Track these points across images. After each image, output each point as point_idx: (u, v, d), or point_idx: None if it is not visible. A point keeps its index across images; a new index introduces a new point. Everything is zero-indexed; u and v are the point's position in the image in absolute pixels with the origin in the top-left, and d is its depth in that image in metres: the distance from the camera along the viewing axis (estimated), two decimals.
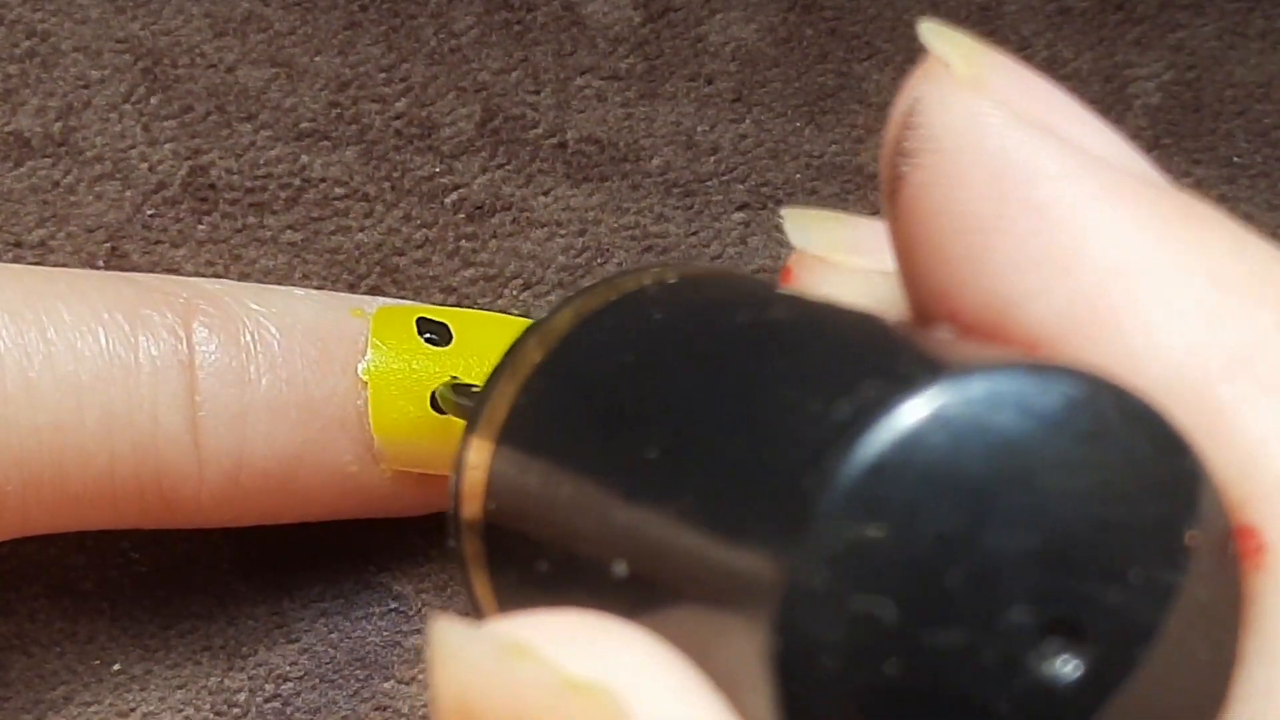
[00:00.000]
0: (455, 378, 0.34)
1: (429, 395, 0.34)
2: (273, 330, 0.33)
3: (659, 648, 0.19)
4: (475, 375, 0.34)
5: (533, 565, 0.22)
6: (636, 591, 0.20)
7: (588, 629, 0.19)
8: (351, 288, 0.38)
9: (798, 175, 0.39)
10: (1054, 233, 0.21)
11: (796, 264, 0.26)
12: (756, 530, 0.18)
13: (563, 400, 0.23)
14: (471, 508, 0.24)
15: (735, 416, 0.20)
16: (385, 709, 0.36)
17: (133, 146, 0.38)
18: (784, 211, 0.26)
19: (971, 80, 0.22)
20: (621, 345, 0.23)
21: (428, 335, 0.34)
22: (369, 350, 0.34)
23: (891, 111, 0.22)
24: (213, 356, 0.33)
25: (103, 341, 0.32)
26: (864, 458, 0.18)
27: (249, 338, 0.33)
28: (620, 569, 0.20)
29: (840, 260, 0.26)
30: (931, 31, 0.23)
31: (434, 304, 0.37)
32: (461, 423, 0.29)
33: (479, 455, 0.24)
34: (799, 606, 0.18)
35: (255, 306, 0.34)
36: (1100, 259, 0.21)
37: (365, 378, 0.34)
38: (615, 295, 0.24)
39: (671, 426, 0.21)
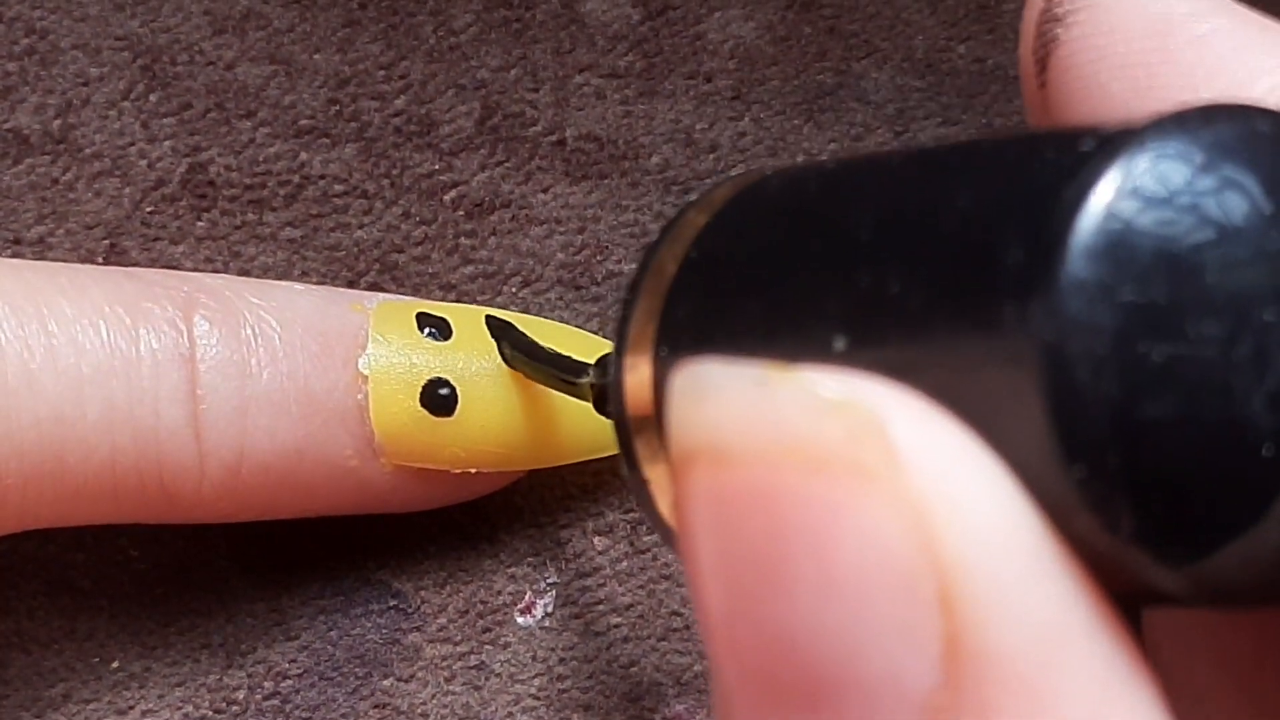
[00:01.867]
0: (432, 390, 0.34)
1: (420, 392, 0.34)
2: (273, 324, 0.33)
3: (908, 388, 0.19)
4: (475, 371, 0.34)
5: None
6: (863, 364, 0.20)
7: (837, 367, 0.19)
8: (351, 284, 0.38)
9: None
10: (1218, 62, 0.22)
11: None
12: (1013, 247, 0.18)
13: (749, 237, 0.23)
14: (640, 374, 0.24)
15: (951, 182, 0.20)
16: (384, 706, 0.36)
17: (132, 144, 0.38)
18: None
19: None
20: (806, 187, 0.23)
21: (428, 330, 0.34)
22: (370, 345, 0.34)
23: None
24: (214, 350, 0.33)
25: (104, 335, 0.32)
26: (1129, 161, 0.18)
27: (250, 331, 0.33)
28: (839, 343, 0.20)
29: None
30: None
31: (434, 301, 0.37)
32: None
33: (645, 317, 0.24)
34: (1071, 300, 0.18)
35: (256, 300, 0.34)
36: (1262, 85, 0.22)
37: (366, 372, 0.34)
38: (771, 169, 0.24)
39: (885, 214, 0.21)
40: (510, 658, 0.36)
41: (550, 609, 0.37)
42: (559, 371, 0.33)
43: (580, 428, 0.36)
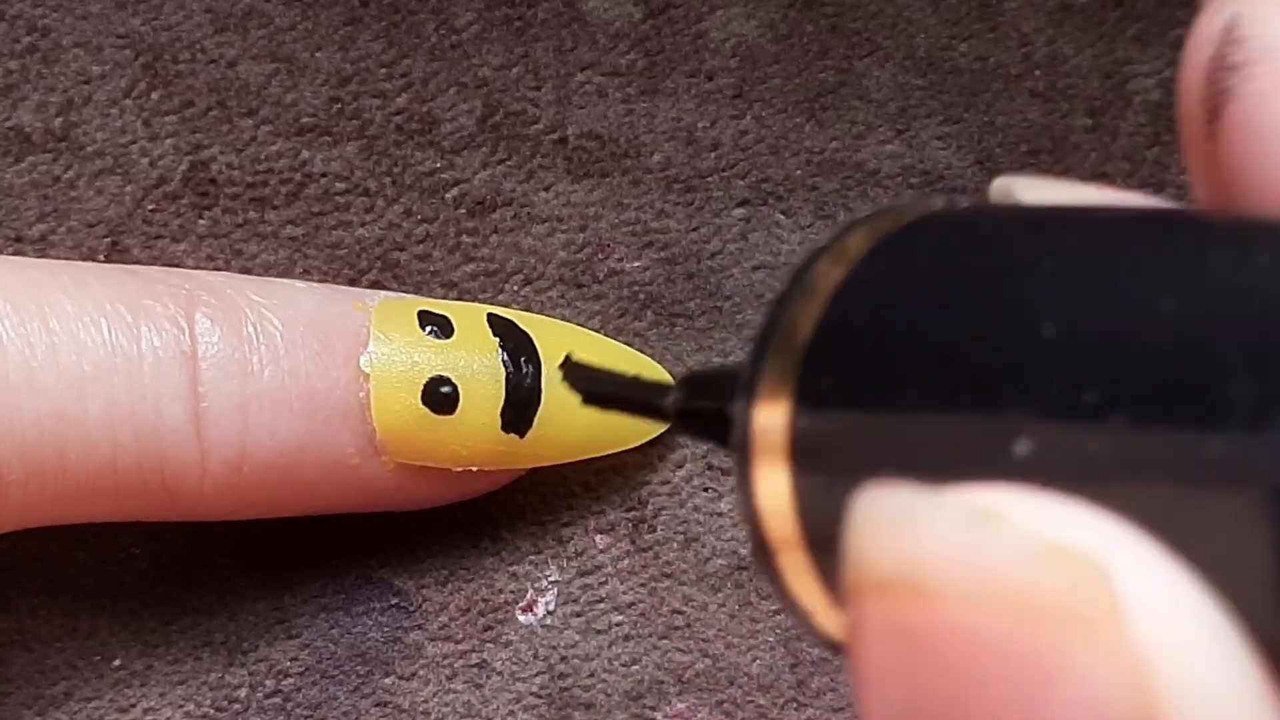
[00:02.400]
0: (434, 389, 0.34)
1: (421, 390, 0.34)
2: (275, 322, 0.33)
3: (1127, 524, 0.18)
4: (476, 369, 0.34)
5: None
6: (1049, 476, 0.19)
7: (1059, 500, 0.18)
8: (352, 283, 0.38)
9: (798, 171, 0.39)
10: None
11: None
12: (1237, 375, 0.17)
13: (899, 303, 0.21)
14: (772, 438, 0.22)
15: (1152, 278, 0.19)
16: (386, 705, 0.36)
17: (133, 141, 0.38)
18: (1001, 181, 0.25)
19: None
20: (959, 248, 0.22)
21: (430, 328, 0.34)
22: (371, 343, 0.34)
23: (1198, 32, 0.22)
24: (215, 348, 0.33)
25: (105, 332, 0.32)
26: None
27: (251, 329, 0.33)
28: (1023, 447, 0.19)
29: None
30: None
31: (435, 299, 0.37)
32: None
33: (777, 381, 0.22)
34: None
35: (257, 298, 0.34)
36: None
37: (367, 370, 0.34)
38: (909, 218, 0.23)
39: (1069, 303, 0.19)
40: (512, 656, 0.36)
41: (552, 607, 0.37)
42: (638, 391, 0.32)
43: (581, 426, 0.36)
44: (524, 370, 0.35)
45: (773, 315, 0.22)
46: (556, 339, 0.36)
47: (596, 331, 0.38)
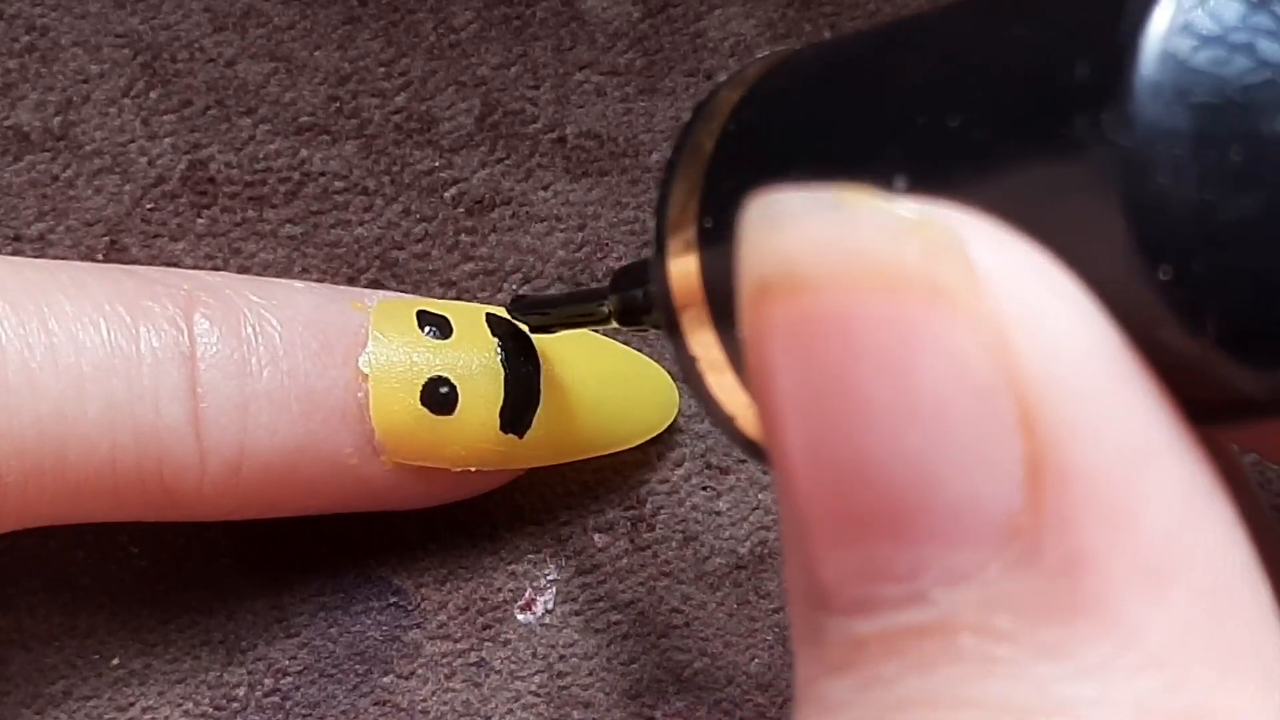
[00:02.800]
0: (432, 389, 0.34)
1: (420, 390, 0.34)
2: (274, 322, 0.33)
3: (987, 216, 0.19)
4: (475, 369, 0.34)
5: None
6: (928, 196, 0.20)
7: (913, 198, 0.19)
8: (351, 282, 0.38)
9: None
10: None
11: None
12: (1083, 62, 0.18)
13: (788, 102, 0.23)
14: (684, 246, 0.24)
15: (1003, 17, 0.20)
16: (384, 703, 0.36)
17: (132, 141, 0.38)
18: None
19: None
20: (840, 52, 0.23)
21: (428, 328, 0.34)
22: (370, 343, 0.34)
23: None
24: (214, 348, 0.33)
25: (104, 333, 0.32)
26: None
27: (250, 330, 0.33)
28: (901, 183, 0.20)
29: None
30: None
31: (434, 298, 0.37)
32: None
33: (686, 193, 0.24)
34: (1147, 100, 0.18)
35: (256, 299, 0.34)
36: None
37: (366, 370, 0.34)
38: (801, 45, 0.25)
39: (934, 59, 0.21)
40: (510, 655, 0.36)
41: (550, 606, 0.37)
42: (580, 305, 0.33)
43: (580, 426, 0.36)
44: (523, 370, 0.35)
45: (679, 140, 0.24)
46: (554, 339, 0.36)
47: (596, 331, 0.38)
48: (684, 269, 0.24)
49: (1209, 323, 0.18)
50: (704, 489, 0.37)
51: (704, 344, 0.24)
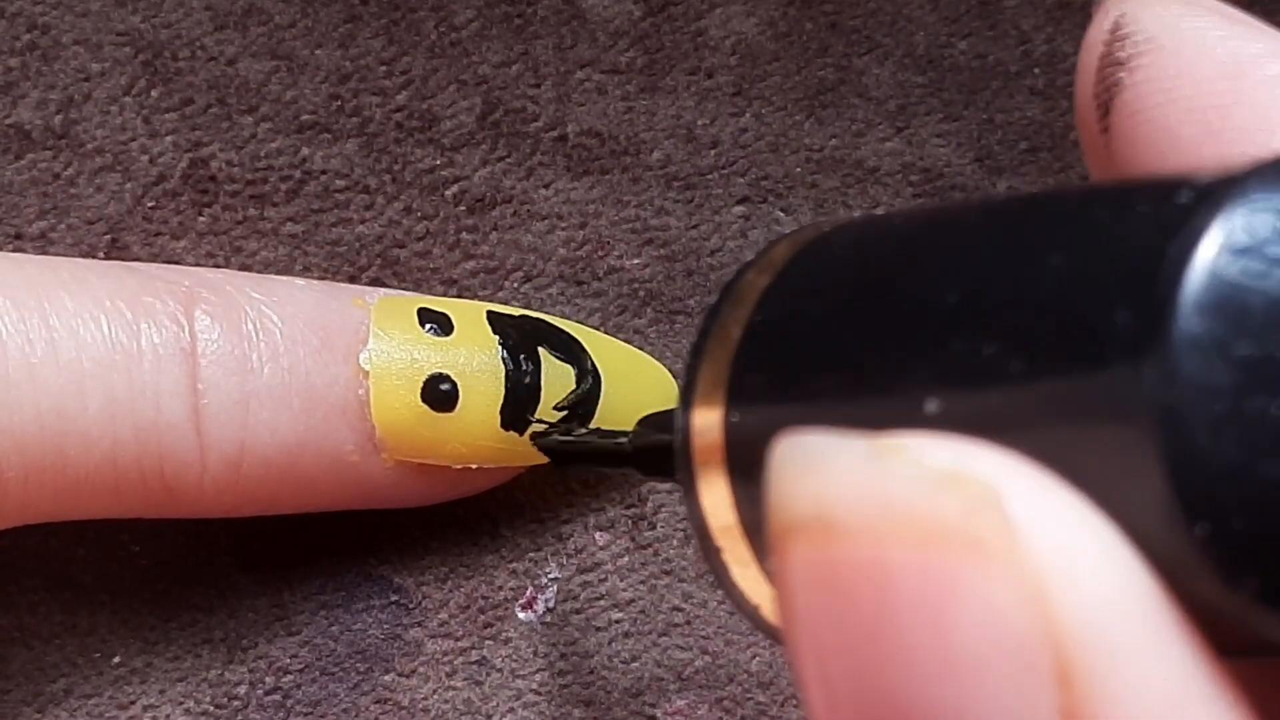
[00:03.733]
0: (435, 387, 0.34)
1: (421, 388, 0.34)
2: (274, 319, 0.33)
3: (1017, 455, 0.19)
4: (476, 366, 0.34)
5: None
6: (957, 427, 0.19)
7: (952, 437, 0.19)
8: (352, 280, 0.38)
9: (798, 169, 0.39)
10: None
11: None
12: (1119, 307, 0.18)
13: (818, 300, 0.23)
14: (709, 435, 0.23)
15: (1042, 242, 0.20)
16: (385, 702, 0.36)
17: (133, 139, 0.38)
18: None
19: None
20: (873, 244, 0.23)
21: (429, 326, 0.34)
22: (371, 340, 0.34)
23: (1089, 36, 0.23)
24: (215, 344, 0.33)
25: (105, 329, 0.32)
26: (1233, 216, 0.18)
27: (251, 326, 0.33)
28: (932, 406, 0.20)
29: None
30: None
31: (435, 296, 0.37)
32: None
33: (712, 382, 0.23)
34: (1187, 358, 0.18)
35: (257, 295, 0.34)
36: None
37: (367, 367, 0.34)
38: (829, 226, 0.24)
39: (969, 275, 0.20)
40: (511, 653, 0.36)
41: (551, 604, 0.37)
42: (601, 443, 0.33)
43: None
44: (524, 368, 0.35)
45: (706, 325, 0.24)
46: (560, 337, 0.36)
47: (596, 328, 0.38)
48: (709, 464, 0.24)
49: (1247, 579, 0.18)
50: None
51: (730, 538, 0.24)
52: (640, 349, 0.38)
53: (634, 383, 0.37)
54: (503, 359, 0.35)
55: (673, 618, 0.37)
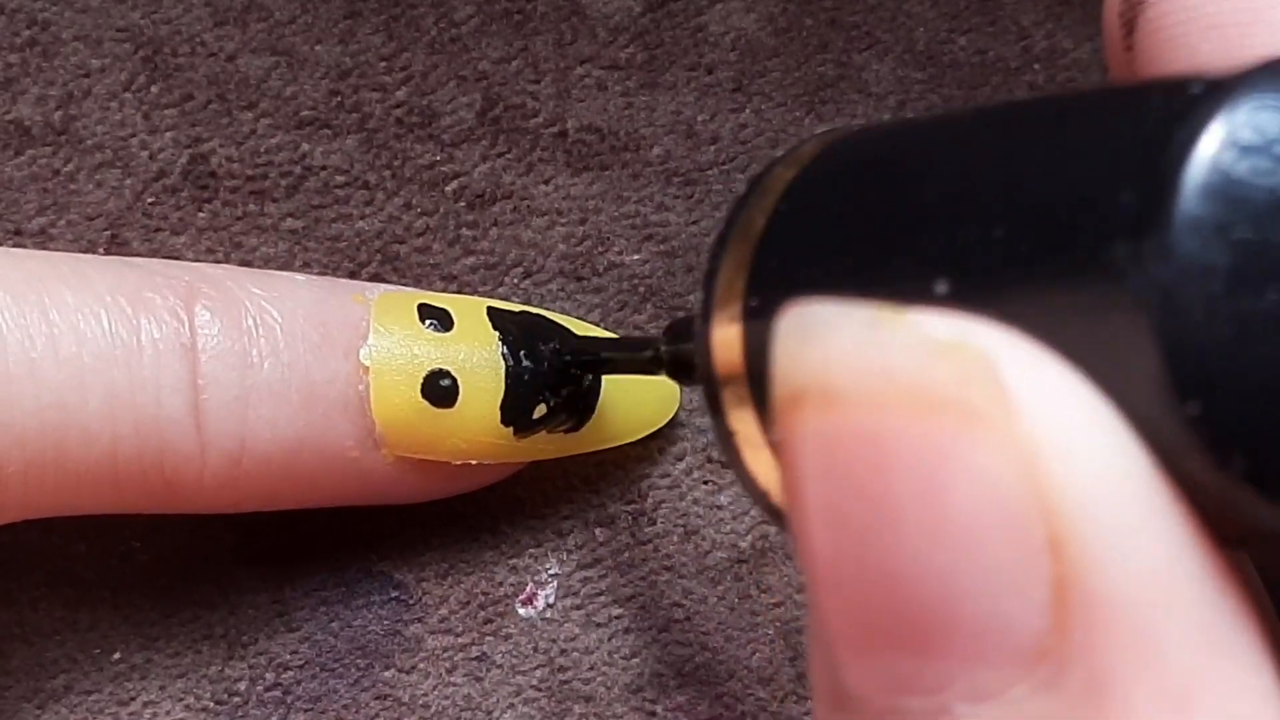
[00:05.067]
0: (433, 382, 0.34)
1: (421, 383, 0.34)
2: (275, 314, 0.33)
3: (1015, 331, 0.19)
4: (476, 362, 0.34)
5: None
6: (966, 306, 0.20)
7: (949, 310, 0.19)
8: (352, 275, 0.38)
9: None
10: None
11: None
12: (1126, 189, 0.18)
13: (840, 189, 0.23)
14: (728, 326, 0.24)
15: (1057, 132, 0.20)
16: (386, 698, 0.36)
17: (133, 135, 0.38)
18: None
19: None
20: (894, 139, 0.23)
21: (430, 321, 0.34)
22: (371, 335, 0.34)
23: None
24: (215, 340, 0.33)
25: (105, 324, 0.32)
26: (1238, 104, 0.18)
27: (251, 322, 0.33)
28: (941, 287, 0.20)
29: None
30: None
31: (435, 292, 0.37)
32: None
33: (734, 269, 0.24)
34: (1186, 239, 0.18)
35: (257, 291, 0.34)
36: None
37: (367, 363, 0.34)
38: (857, 126, 0.25)
39: (984, 164, 0.21)
40: (512, 649, 0.36)
41: (552, 600, 0.37)
42: (628, 352, 0.33)
43: None
44: (524, 364, 0.35)
45: (732, 213, 0.24)
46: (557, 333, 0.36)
47: (596, 324, 0.38)
48: (728, 345, 0.24)
49: (1235, 459, 0.18)
50: (705, 483, 0.37)
51: (743, 420, 0.24)
52: None
53: (633, 381, 0.37)
54: (503, 355, 0.35)
55: (673, 614, 0.37)
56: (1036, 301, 0.19)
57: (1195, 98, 0.19)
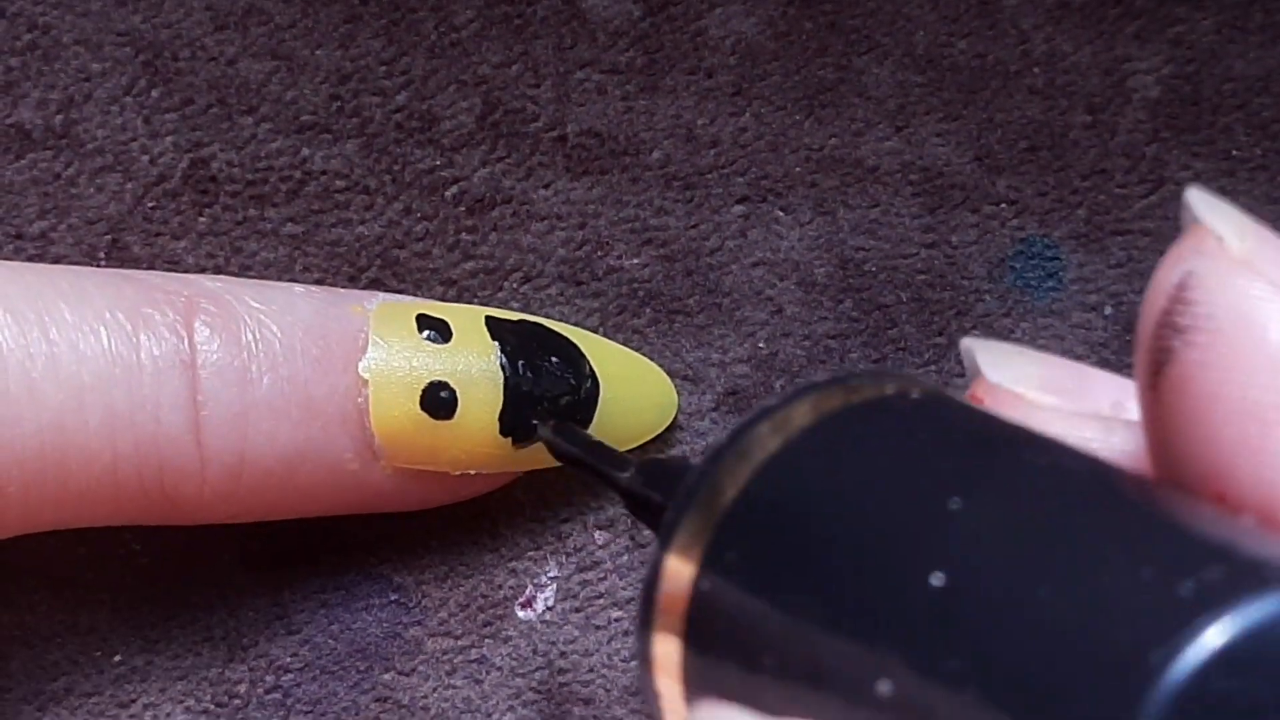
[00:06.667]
0: (434, 394, 0.34)
1: (420, 395, 0.34)
2: (274, 329, 0.33)
3: None
4: (475, 373, 0.34)
5: (756, 665, 0.22)
6: (897, 717, 0.20)
7: None
8: (352, 280, 0.38)
9: (797, 168, 0.39)
10: None
11: (987, 394, 0.26)
12: (1084, 695, 0.18)
13: (817, 500, 0.23)
14: (677, 588, 0.23)
15: (1042, 564, 0.20)
16: (385, 700, 0.36)
17: (134, 139, 0.38)
18: (968, 342, 0.26)
19: (1246, 259, 0.22)
20: (885, 455, 0.23)
21: (428, 333, 0.34)
22: (369, 348, 0.34)
23: (1156, 279, 0.22)
24: (214, 356, 0.33)
25: (105, 341, 0.32)
26: (1214, 647, 0.18)
27: (250, 336, 0.33)
28: (885, 688, 0.20)
29: (1035, 398, 0.25)
30: (1202, 202, 0.22)
31: (434, 297, 0.37)
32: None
33: (692, 536, 0.23)
34: None
35: (256, 304, 0.34)
36: None
37: (366, 376, 0.34)
38: (857, 399, 0.24)
39: (964, 560, 0.20)
40: (511, 651, 0.37)
41: (551, 603, 0.37)
42: (600, 462, 0.33)
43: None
44: (522, 374, 0.35)
45: (705, 468, 0.23)
46: (558, 339, 0.36)
47: (596, 329, 0.38)
48: (671, 610, 0.23)
49: None
50: None
51: (670, 689, 0.24)
52: (639, 349, 0.38)
53: (632, 387, 0.37)
54: (501, 365, 0.35)
55: None
56: None
57: (1181, 605, 0.18)
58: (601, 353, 0.37)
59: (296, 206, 0.38)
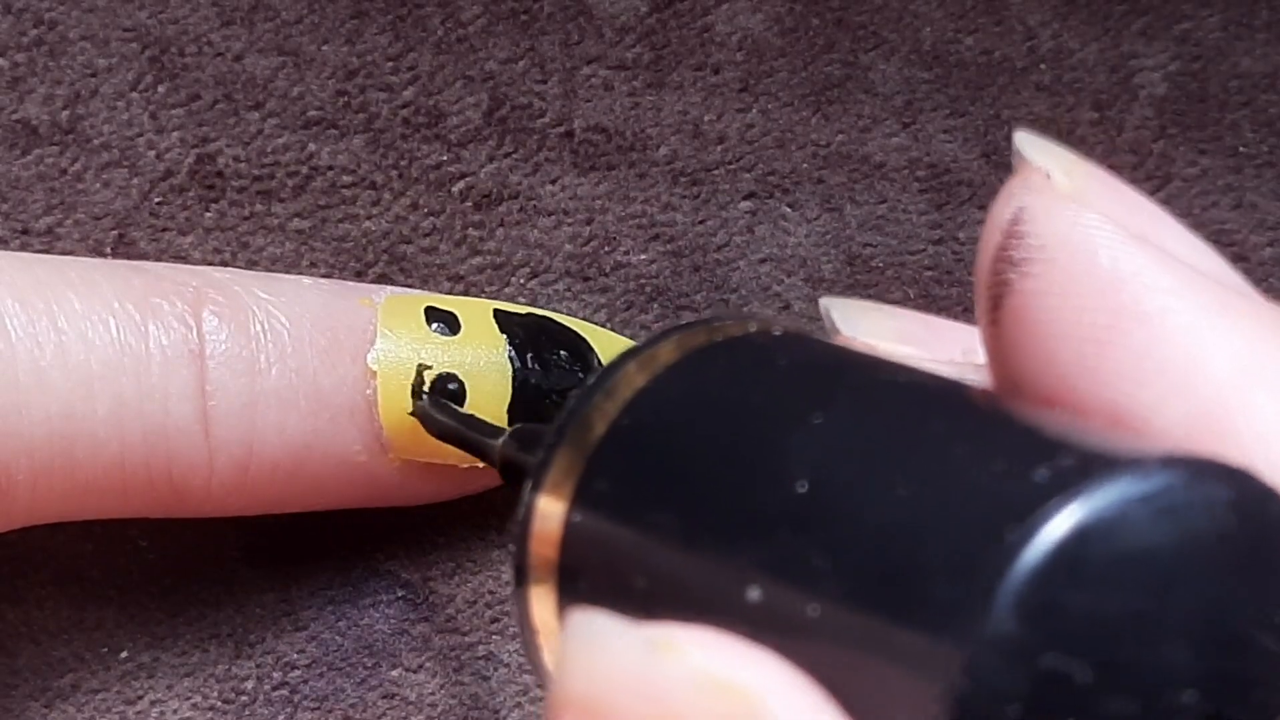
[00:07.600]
0: (441, 386, 0.34)
1: (429, 386, 0.34)
2: (282, 319, 0.33)
3: (798, 672, 0.19)
4: (483, 366, 0.34)
5: (630, 590, 0.22)
6: (768, 621, 0.20)
7: (731, 641, 0.19)
8: (359, 276, 0.38)
9: (804, 165, 0.39)
10: (1169, 345, 0.21)
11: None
12: (944, 577, 0.18)
13: (683, 426, 0.23)
14: (549, 528, 0.23)
15: (900, 464, 0.20)
16: (392, 697, 0.36)
17: (140, 134, 0.38)
18: (825, 301, 0.27)
19: (1074, 193, 0.23)
20: (749, 381, 0.23)
21: (436, 325, 0.34)
22: (378, 339, 0.34)
23: (990, 217, 0.23)
24: (223, 346, 0.33)
25: (113, 331, 0.32)
26: (1072, 523, 0.18)
27: (259, 327, 0.33)
28: (754, 594, 0.20)
29: (890, 349, 0.26)
30: (1028, 142, 0.24)
31: (441, 292, 0.37)
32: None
33: (563, 472, 0.23)
34: (991, 654, 0.18)
35: (264, 295, 0.34)
36: (1216, 372, 0.21)
37: (374, 367, 0.34)
38: (720, 336, 0.24)
39: (824, 467, 0.21)
40: (518, 648, 0.37)
41: None
42: (473, 431, 0.33)
43: None
44: (531, 367, 0.35)
45: (574, 406, 0.24)
46: (565, 334, 0.36)
47: (602, 325, 0.38)
48: (545, 545, 0.24)
49: None
50: None
51: (548, 627, 0.24)
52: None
53: None
54: (510, 358, 0.35)
55: None
56: (832, 649, 0.19)
57: (1037, 491, 0.18)
58: (610, 347, 0.36)
59: (303, 202, 0.38)
